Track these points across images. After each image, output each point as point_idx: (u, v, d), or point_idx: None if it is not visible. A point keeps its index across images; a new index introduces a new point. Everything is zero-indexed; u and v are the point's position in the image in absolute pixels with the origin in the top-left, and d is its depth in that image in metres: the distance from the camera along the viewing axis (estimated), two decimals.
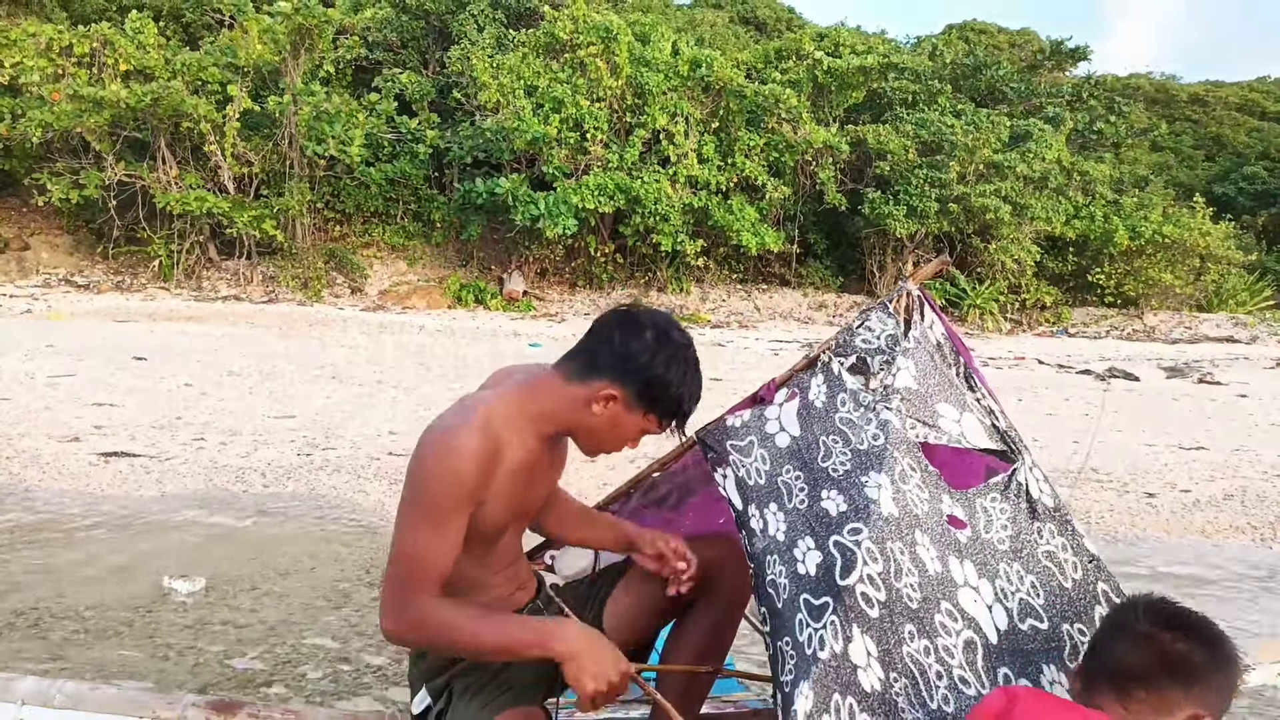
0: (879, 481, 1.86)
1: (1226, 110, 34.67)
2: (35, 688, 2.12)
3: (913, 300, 2.16)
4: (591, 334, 1.99)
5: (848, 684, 1.66)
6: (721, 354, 13.26)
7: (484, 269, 18.41)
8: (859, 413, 2.03)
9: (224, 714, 2.11)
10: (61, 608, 3.99)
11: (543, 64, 17.50)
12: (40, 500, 5.51)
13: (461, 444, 1.79)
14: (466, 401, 1.93)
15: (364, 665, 3.58)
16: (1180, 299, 20.31)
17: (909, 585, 1.75)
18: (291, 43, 16.27)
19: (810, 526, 1.89)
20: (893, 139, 17.84)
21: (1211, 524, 6.13)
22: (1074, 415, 9.50)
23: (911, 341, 2.10)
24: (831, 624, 1.69)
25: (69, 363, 9.50)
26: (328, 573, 4.63)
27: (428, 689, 2.02)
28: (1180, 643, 1.50)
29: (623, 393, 1.90)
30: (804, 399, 2.12)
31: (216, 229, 16.75)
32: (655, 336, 1.92)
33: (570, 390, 1.92)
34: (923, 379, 2.08)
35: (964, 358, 2.22)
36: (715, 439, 2.15)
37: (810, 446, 2.03)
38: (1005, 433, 2.13)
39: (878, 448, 1.93)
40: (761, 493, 2.02)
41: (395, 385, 9.59)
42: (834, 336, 2.20)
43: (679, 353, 1.93)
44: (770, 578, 1.89)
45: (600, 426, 1.94)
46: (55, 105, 15.13)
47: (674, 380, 1.92)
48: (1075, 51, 22.63)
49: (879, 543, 1.77)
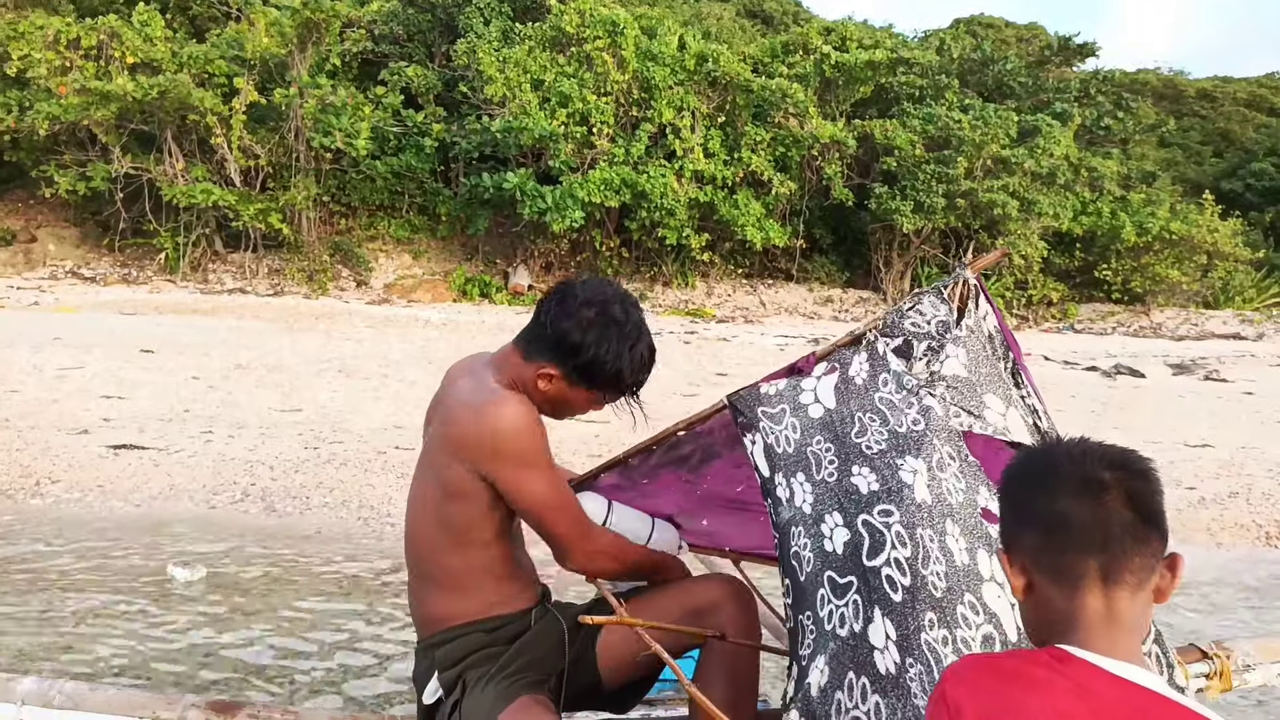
0: (915, 466, 1.84)
1: (1235, 106, 34.49)
2: (35, 688, 2.13)
3: (969, 289, 2.11)
4: (535, 312, 2.06)
5: (863, 663, 1.66)
6: (726, 349, 13.26)
7: (489, 263, 18.41)
8: (901, 395, 1.99)
9: (224, 714, 2.13)
10: (66, 603, 4.01)
11: (549, 58, 17.47)
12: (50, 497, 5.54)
13: (512, 403, 1.95)
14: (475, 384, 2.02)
15: (370, 656, 3.60)
16: (1187, 295, 20.24)
17: (935, 574, 1.74)
18: (298, 36, 16.26)
19: (839, 501, 1.87)
20: (900, 134, 17.78)
21: (1217, 521, 6.13)
22: (1081, 412, 9.49)
23: (964, 330, 2.06)
24: (854, 603, 1.70)
25: (77, 355, 9.53)
26: (336, 566, 4.66)
27: (439, 679, 2.05)
28: (1143, 481, 1.23)
29: (559, 371, 1.99)
30: (844, 374, 2.08)
31: (223, 222, 16.76)
32: (590, 316, 1.96)
33: (525, 367, 2.02)
34: (973, 368, 2.04)
35: (1014, 353, 2.18)
36: (747, 404, 2.10)
37: (845, 420, 1.99)
38: (1046, 434, 2.09)
39: (917, 432, 1.90)
40: (789, 461, 1.99)
41: (400, 379, 9.61)
42: (882, 315, 2.15)
43: (612, 330, 1.98)
44: (794, 549, 1.88)
45: (552, 400, 2.04)
46: (63, 98, 15.13)
47: (607, 357, 1.97)
48: (1083, 47, 22.52)
49: (909, 527, 1.76)
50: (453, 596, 2.04)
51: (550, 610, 2.15)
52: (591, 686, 2.13)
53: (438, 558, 2.04)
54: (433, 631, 2.07)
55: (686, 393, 9.08)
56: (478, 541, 2.00)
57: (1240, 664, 2.49)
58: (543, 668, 2.06)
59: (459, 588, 2.04)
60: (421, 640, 2.12)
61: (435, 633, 2.07)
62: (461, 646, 2.03)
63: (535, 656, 2.06)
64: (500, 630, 2.06)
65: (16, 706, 2.09)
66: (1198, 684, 2.41)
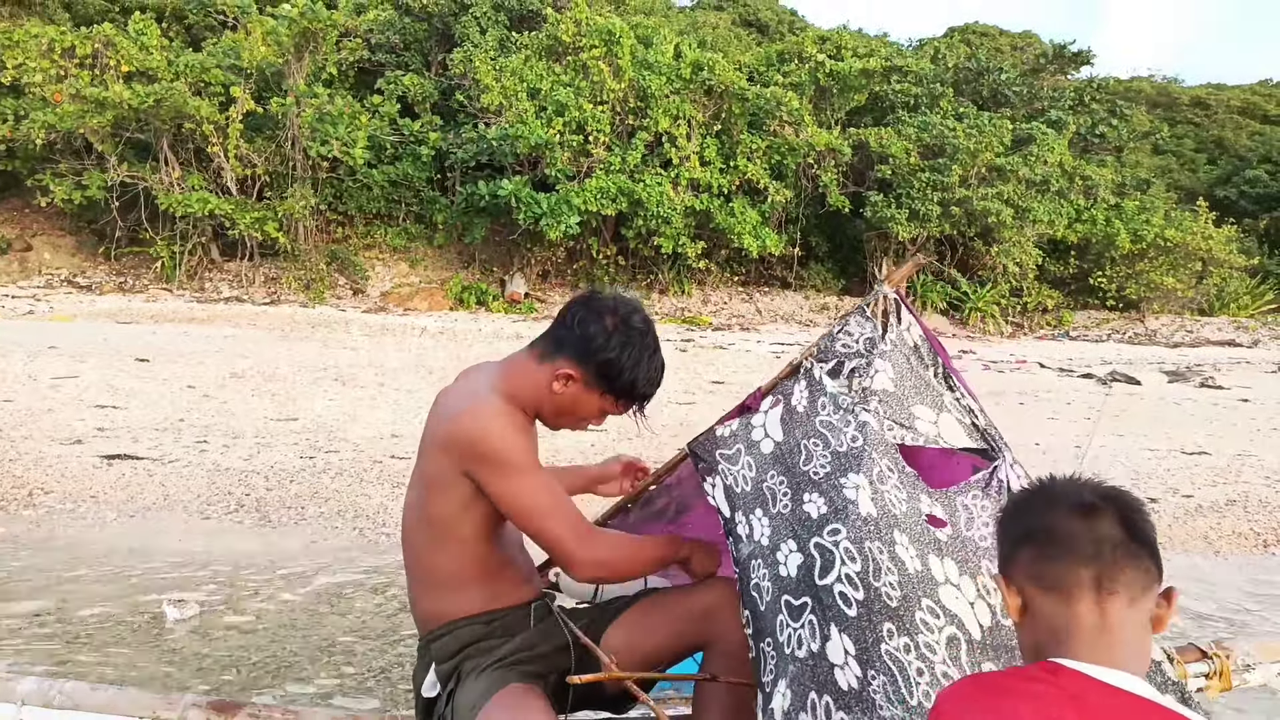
0: (857, 482, 1.88)
1: (1229, 113, 34.63)
2: (35, 688, 2.13)
3: (889, 303, 2.20)
4: (558, 317, 2.11)
5: (824, 682, 1.68)
6: (723, 356, 13.27)
7: (486, 271, 18.42)
8: (838, 415, 2.05)
9: (224, 714, 2.12)
10: (64, 617, 3.99)
11: (545, 67, 17.51)
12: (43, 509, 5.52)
13: (496, 410, 1.98)
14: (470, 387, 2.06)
15: (367, 669, 3.59)
16: (1182, 302, 20.30)
17: (888, 584, 1.76)
18: (295, 45, 16.29)
19: (793, 530, 1.91)
20: (895, 142, 17.84)
21: (1214, 529, 6.13)
22: (1075, 419, 9.49)
23: (888, 344, 2.13)
24: (809, 623, 1.72)
25: (71, 364, 9.51)
26: (331, 579, 4.64)
27: (436, 672, 2.08)
28: (1135, 511, 1.27)
29: (580, 373, 2.03)
30: (787, 405, 2.15)
31: (219, 230, 16.76)
32: (615, 322, 2.04)
33: (539, 370, 2.05)
34: (899, 381, 2.10)
35: (942, 358, 2.24)
36: (705, 449, 2.19)
37: (792, 451, 2.06)
38: (985, 430, 2.14)
39: (856, 449, 1.95)
40: (748, 499, 2.05)
41: (397, 388, 9.59)
42: (815, 342, 2.24)
43: (635, 338, 2.05)
44: (754, 581, 1.91)
45: (562, 405, 2.07)
46: (58, 106, 15.15)
47: (628, 364, 2.03)
48: (1078, 55, 22.62)
49: (857, 542, 1.79)
50: (440, 595, 2.07)
51: (553, 613, 2.17)
52: (594, 688, 2.14)
53: (423, 556, 2.07)
54: (429, 629, 2.10)
55: (682, 400, 9.07)
56: (455, 538, 2.02)
57: (1240, 664, 2.48)
58: (541, 663, 2.08)
59: (444, 586, 2.06)
60: (420, 638, 2.15)
61: (432, 629, 2.10)
62: (458, 639, 2.06)
63: (534, 653, 2.08)
64: (497, 622, 2.08)
65: (16, 706, 2.09)
66: (1197, 683, 2.40)
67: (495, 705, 1.91)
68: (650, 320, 2.12)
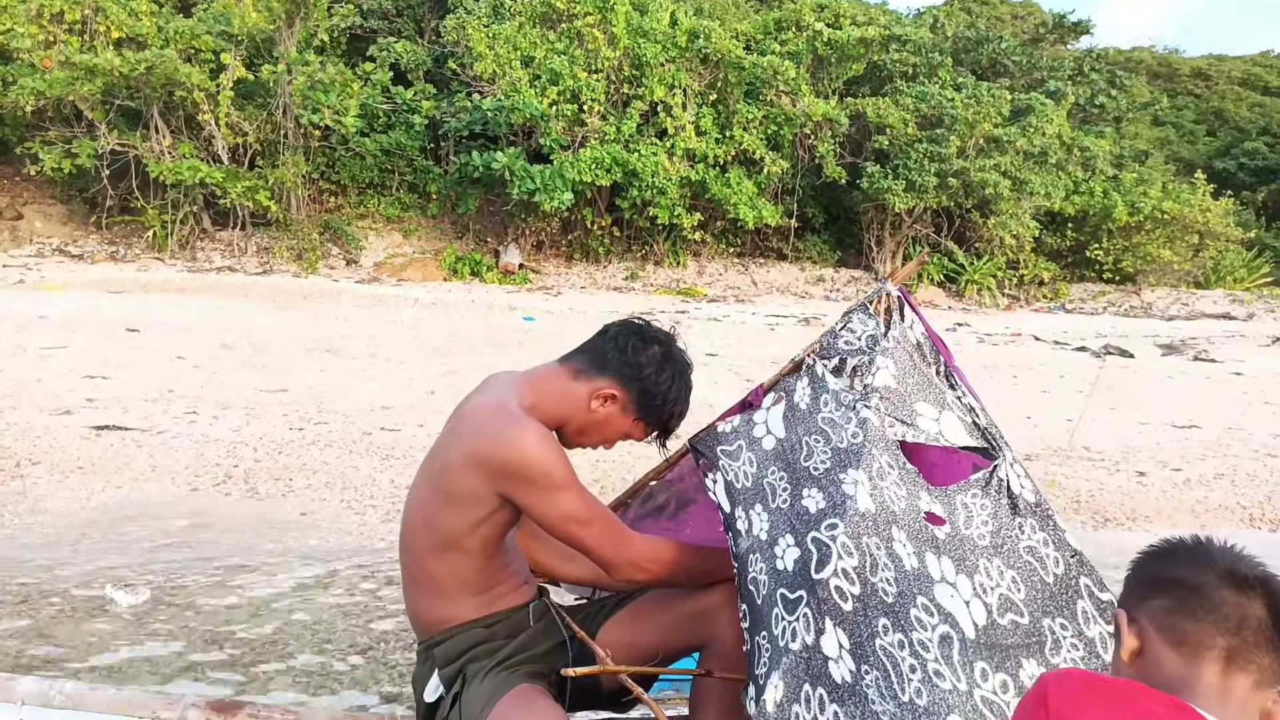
0: (856, 478, 1.88)
1: (1229, 85, 34.39)
2: (35, 688, 2.14)
3: (892, 300, 2.21)
4: (603, 338, 2.13)
5: (818, 675, 1.67)
6: (717, 328, 13.24)
7: (480, 241, 18.31)
8: (840, 412, 2.06)
9: (224, 714, 2.13)
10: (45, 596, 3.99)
11: (539, 34, 17.30)
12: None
13: (537, 433, 1.97)
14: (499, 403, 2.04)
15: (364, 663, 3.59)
16: (1178, 275, 20.25)
17: (884, 580, 1.77)
18: (286, 11, 16.05)
19: (791, 524, 1.92)
20: (892, 112, 17.69)
21: (1201, 503, 6.15)
22: (1068, 392, 9.50)
23: (891, 341, 2.14)
24: (804, 616, 1.71)
25: (61, 334, 9.47)
26: (323, 565, 4.64)
27: (440, 675, 2.08)
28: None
29: (623, 395, 2.07)
30: (789, 402, 2.17)
31: (211, 199, 16.62)
32: (663, 353, 2.09)
33: (575, 386, 2.07)
34: (902, 378, 2.11)
35: (944, 356, 2.25)
36: (706, 445, 2.20)
37: (794, 448, 2.07)
38: (986, 429, 2.15)
39: (856, 445, 1.96)
40: (747, 494, 2.07)
41: (388, 359, 9.57)
42: (818, 339, 2.24)
43: (681, 373, 2.11)
44: (752, 575, 1.92)
45: (592, 423, 2.09)
46: (47, 73, 14.95)
47: (671, 397, 2.09)
48: (1078, 25, 22.42)
49: (854, 537, 1.79)
50: (441, 601, 2.07)
51: (550, 611, 2.19)
52: (592, 687, 2.16)
53: (425, 563, 2.06)
54: (430, 634, 2.11)
55: None
56: (462, 549, 2.02)
57: None
58: (543, 662, 2.10)
59: (446, 593, 2.06)
60: (420, 642, 2.16)
61: (433, 634, 2.11)
62: (460, 643, 2.07)
63: (535, 652, 2.10)
64: (498, 625, 2.10)
65: (16, 706, 2.10)
66: None
67: (504, 705, 1.93)
68: (688, 356, 2.17)
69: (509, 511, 2.00)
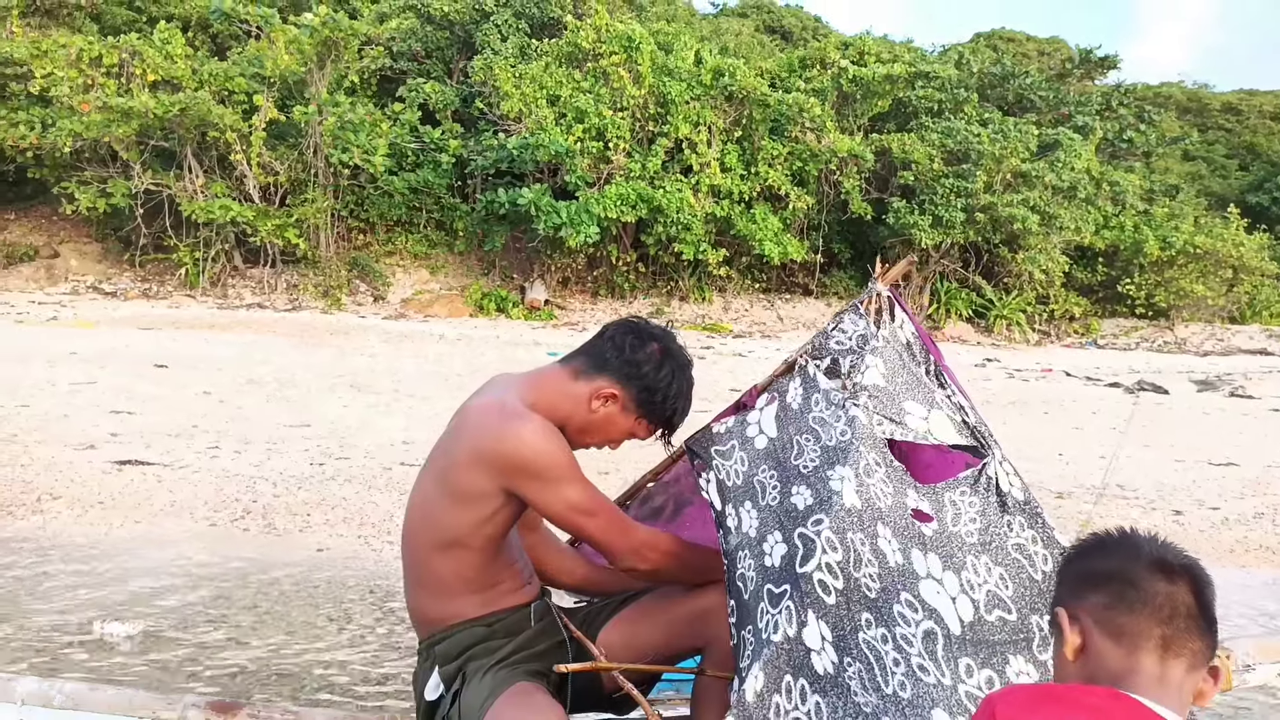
0: (843, 474, 1.92)
1: (1261, 119, 34.07)
2: (35, 688, 2.14)
3: (882, 300, 2.25)
4: (601, 338, 2.14)
5: (800, 666, 1.69)
6: (743, 364, 13.15)
7: (506, 277, 18.43)
8: (830, 411, 2.10)
9: (224, 714, 2.13)
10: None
11: (565, 73, 17.51)
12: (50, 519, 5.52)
13: (540, 427, 1.98)
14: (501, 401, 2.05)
15: (369, 676, 3.53)
16: (1212, 310, 19.94)
17: (868, 575, 1.80)
18: (317, 54, 16.39)
19: (780, 521, 1.95)
20: (918, 148, 17.67)
21: (1241, 543, 5.96)
22: (1102, 429, 9.31)
23: (880, 340, 2.19)
24: (787, 609, 1.73)
25: (91, 370, 9.57)
26: (329, 591, 4.59)
27: (440, 674, 2.09)
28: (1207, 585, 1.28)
29: (623, 394, 2.07)
30: (782, 402, 2.21)
31: (242, 238, 16.88)
32: (662, 350, 2.10)
33: (575, 386, 2.08)
34: (891, 377, 2.15)
35: (934, 355, 2.29)
36: (701, 446, 2.23)
37: (785, 446, 2.11)
38: (975, 428, 2.18)
39: (844, 442, 1.99)
40: (738, 492, 2.10)
41: (411, 394, 9.57)
42: (810, 341, 2.29)
43: (681, 370, 2.12)
44: (740, 571, 1.94)
45: (594, 423, 2.09)
46: (85, 115, 15.32)
47: (671, 393, 2.10)
48: (1105, 60, 22.36)
49: (839, 532, 1.82)
50: (442, 599, 2.08)
51: (551, 612, 2.19)
52: (593, 688, 2.15)
53: (428, 561, 2.07)
54: (431, 632, 2.11)
55: (698, 409, 8.97)
56: (465, 547, 2.03)
57: (1240, 664, 2.49)
58: (542, 662, 2.09)
59: (448, 591, 2.07)
60: (421, 641, 2.15)
61: (433, 632, 2.10)
62: (460, 641, 2.07)
63: (535, 651, 2.10)
64: (498, 624, 2.10)
65: (17, 706, 2.10)
66: None
67: (503, 703, 1.92)
68: (688, 354, 2.19)
69: (512, 508, 2.01)
